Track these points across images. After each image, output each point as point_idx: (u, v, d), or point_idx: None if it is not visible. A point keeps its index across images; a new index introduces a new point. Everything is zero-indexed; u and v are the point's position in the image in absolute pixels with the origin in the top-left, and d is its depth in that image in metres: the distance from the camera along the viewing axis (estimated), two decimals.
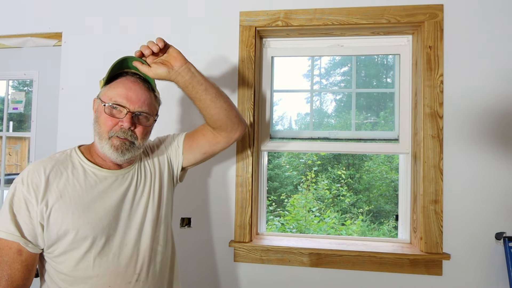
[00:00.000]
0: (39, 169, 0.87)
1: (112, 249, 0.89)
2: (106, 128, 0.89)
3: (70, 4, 1.68)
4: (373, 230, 5.00)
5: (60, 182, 0.86)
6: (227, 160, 1.53)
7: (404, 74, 1.55)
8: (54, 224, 0.83)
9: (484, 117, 1.40)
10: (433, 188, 1.39)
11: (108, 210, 0.89)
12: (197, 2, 1.58)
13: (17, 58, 1.78)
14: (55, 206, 0.84)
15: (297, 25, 1.49)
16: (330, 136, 1.62)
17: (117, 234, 0.90)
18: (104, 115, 0.89)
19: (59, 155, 0.93)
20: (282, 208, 5.22)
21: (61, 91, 1.66)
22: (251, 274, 1.49)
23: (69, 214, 0.84)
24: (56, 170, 0.88)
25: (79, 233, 0.84)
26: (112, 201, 0.90)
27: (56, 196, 0.84)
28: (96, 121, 0.92)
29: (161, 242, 1.00)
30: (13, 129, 1.87)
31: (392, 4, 1.45)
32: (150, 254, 0.95)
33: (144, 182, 0.99)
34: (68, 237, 0.84)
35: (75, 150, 0.95)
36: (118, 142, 0.88)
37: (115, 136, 0.88)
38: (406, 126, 1.54)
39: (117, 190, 0.92)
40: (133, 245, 0.92)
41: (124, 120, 0.88)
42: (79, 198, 0.86)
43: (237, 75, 1.53)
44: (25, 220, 0.83)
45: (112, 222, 0.90)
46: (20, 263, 0.82)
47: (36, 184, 0.84)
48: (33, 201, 0.83)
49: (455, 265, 1.38)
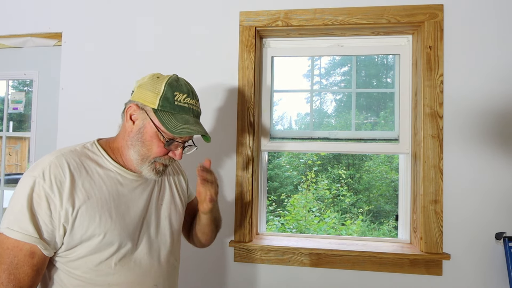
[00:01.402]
0: (63, 163, 0.79)
1: (133, 257, 0.85)
2: (155, 155, 0.85)
3: (70, 4, 1.68)
4: (373, 230, 5.00)
5: (85, 182, 0.80)
6: (227, 160, 1.53)
7: (404, 74, 1.55)
8: (80, 228, 0.77)
9: (484, 117, 1.40)
10: (433, 188, 1.39)
11: (134, 216, 0.86)
12: (197, 2, 1.58)
13: (17, 58, 1.78)
14: (82, 208, 0.77)
15: (297, 25, 1.49)
16: (330, 136, 1.62)
17: (140, 242, 0.87)
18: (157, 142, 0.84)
19: (81, 149, 0.85)
20: (282, 208, 5.22)
21: (61, 91, 1.66)
22: (251, 274, 1.49)
23: (96, 217, 0.78)
24: (80, 167, 0.81)
25: (105, 238, 0.79)
26: (137, 207, 0.87)
27: (83, 197, 0.78)
28: (140, 140, 0.85)
29: (176, 257, 0.98)
30: (13, 129, 1.87)
31: (392, 4, 1.45)
32: (167, 268, 0.92)
33: (164, 191, 0.97)
34: (92, 241, 0.79)
35: (96, 145, 0.88)
36: (161, 168, 0.88)
37: (160, 162, 0.87)
38: (406, 126, 1.54)
39: (142, 196, 0.89)
40: (155, 255, 0.89)
41: (177, 154, 0.87)
42: (106, 201, 0.81)
43: (237, 75, 1.53)
44: (45, 221, 0.74)
45: (137, 229, 0.86)
46: (30, 267, 0.74)
47: (60, 181, 0.76)
48: (57, 200, 0.75)
49: (455, 265, 1.38)
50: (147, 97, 0.83)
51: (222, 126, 1.53)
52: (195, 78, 1.55)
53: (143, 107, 0.84)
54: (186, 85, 0.88)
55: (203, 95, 1.55)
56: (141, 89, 0.85)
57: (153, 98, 0.83)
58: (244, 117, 1.51)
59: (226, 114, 1.53)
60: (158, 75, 0.87)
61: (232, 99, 1.53)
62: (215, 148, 1.53)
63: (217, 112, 1.54)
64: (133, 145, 0.85)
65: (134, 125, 0.85)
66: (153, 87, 0.84)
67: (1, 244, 0.74)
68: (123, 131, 0.88)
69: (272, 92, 1.65)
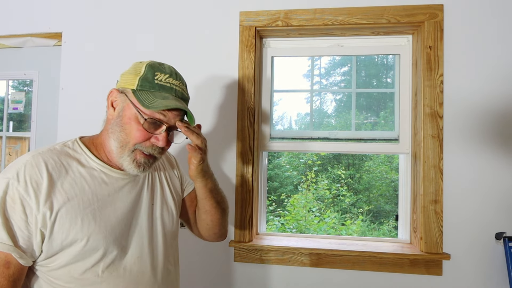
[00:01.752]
0: (39, 163, 0.72)
1: (123, 262, 0.78)
2: (135, 140, 0.77)
3: (70, 4, 1.68)
4: (373, 230, 5.00)
5: (65, 182, 0.73)
6: (227, 160, 1.53)
7: (404, 74, 1.55)
8: (60, 233, 0.70)
9: (484, 117, 1.40)
10: (433, 188, 1.39)
11: (121, 218, 0.78)
12: (197, 2, 1.58)
13: (17, 58, 1.78)
14: (62, 211, 0.70)
15: (297, 25, 1.49)
16: (330, 136, 1.62)
17: (129, 246, 0.80)
18: (138, 126, 0.76)
19: (60, 148, 0.78)
20: (282, 208, 5.22)
21: (61, 91, 1.66)
22: (251, 274, 1.49)
23: (78, 220, 0.71)
24: (59, 166, 0.74)
25: (89, 243, 0.72)
26: (124, 208, 0.80)
27: (63, 199, 0.71)
28: (119, 124, 0.78)
29: (172, 261, 0.91)
30: (13, 129, 1.87)
31: (392, 4, 1.45)
32: (162, 273, 0.85)
33: (155, 189, 0.90)
34: (74, 248, 0.71)
35: (78, 143, 0.81)
36: (142, 160, 0.78)
37: (140, 150, 0.78)
38: (406, 126, 1.54)
39: (130, 195, 0.82)
40: (146, 259, 0.82)
41: (160, 138, 0.78)
42: (89, 202, 0.74)
43: (237, 75, 1.53)
44: (20, 226, 0.67)
45: (124, 231, 0.79)
46: (5, 278, 0.66)
47: (37, 182, 0.69)
48: (33, 204, 0.68)
49: (455, 265, 1.38)
50: (128, 80, 0.79)
51: (222, 126, 1.53)
52: (195, 78, 1.55)
53: (123, 90, 0.79)
54: (170, 68, 0.83)
55: (203, 95, 1.55)
56: (123, 76, 0.82)
57: (132, 80, 0.78)
58: (244, 117, 1.51)
59: (226, 114, 1.53)
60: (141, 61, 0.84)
61: (232, 99, 1.53)
62: (215, 148, 1.53)
63: (217, 112, 1.54)
64: (113, 132, 0.78)
65: (115, 111, 0.79)
66: (134, 70, 0.80)
67: None
68: (106, 122, 0.82)
69: (272, 92, 1.65)
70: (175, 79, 0.80)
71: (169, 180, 0.96)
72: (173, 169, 1.01)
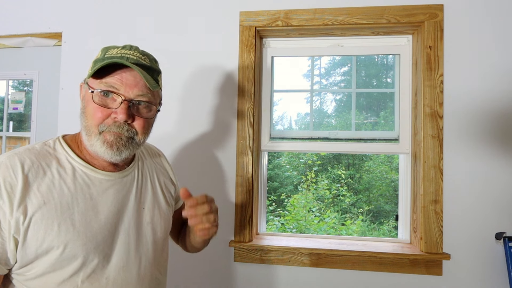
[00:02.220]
0: (15, 164, 0.66)
1: (106, 272, 0.72)
2: (95, 121, 0.70)
3: (70, 4, 1.68)
4: (373, 230, 5.00)
5: (42, 184, 0.67)
6: (227, 160, 1.53)
7: (404, 74, 1.55)
8: (34, 239, 0.64)
9: (484, 117, 1.40)
10: (433, 188, 1.39)
11: (104, 223, 0.72)
12: (197, 2, 1.58)
13: (17, 58, 1.78)
14: (36, 216, 0.64)
15: (297, 25, 1.49)
16: (330, 136, 1.62)
17: (113, 254, 0.73)
18: (93, 105, 0.70)
19: (40, 147, 0.73)
20: (282, 208, 5.22)
21: (61, 91, 1.66)
22: (251, 274, 1.49)
23: (54, 226, 0.65)
24: (37, 167, 0.68)
25: (66, 250, 0.66)
26: (108, 212, 0.73)
27: (38, 203, 0.65)
28: (83, 112, 0.73)
29: (162, 271, 0.85)
30: (13, 129, 1.87)
31: (392, 4, 1.45)
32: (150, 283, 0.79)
33: (146, 192, 0.83)
34: (51, 256, 0.66)
35: (60, 141, 0.75)
36: (111, 138, 0.70)
37: (107, 130, 0.71)
38: (406, 126, 1.54)
39: (115, 198, 0.75)
40: (132, 269, 0.75)
41: (118, 111, 0.69)
42: (68, 205, 0.68)
43: (237, 75, 1.53)
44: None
45: (108, 238, 0.72)
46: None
47: (11, 185, 0.64)
48: (6, 208, 0.63)
49: (455, 265, 1.38)
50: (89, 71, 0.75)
51: (222, 126, 1.53)
52: (195, 78, 1.55)
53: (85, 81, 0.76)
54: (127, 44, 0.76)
55: (203, 95, 1.55)
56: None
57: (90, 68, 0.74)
58: (244, 117, 1.51)
59: (226, 114, 1.53)
60: None
61: (232, 99, 1.53)
62: (215, 148, 1.53)
63: (217, 112, 1.54)
64: (81, 123, 0.73)
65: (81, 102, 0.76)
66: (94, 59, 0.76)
67: None
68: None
69: (272, 92, 1.65)
70: (129, 50, 0.74)
71: (163, 184, 0.90)
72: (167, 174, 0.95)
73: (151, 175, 0.87)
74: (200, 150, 1.54)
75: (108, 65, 0.70)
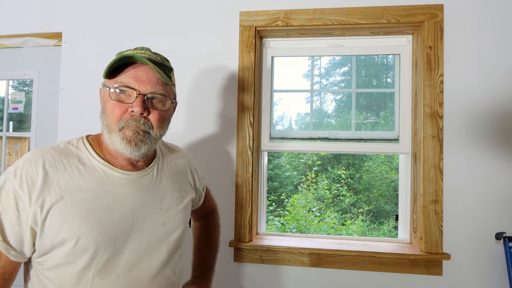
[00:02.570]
0: (37, 160, 0.71)
1: (117, 268, 0.73)
2: (115, 118, 0.74)
3: (70, 4, 1.68)
4: (373, 230, 5.00)
5: (61, 179, 0.71)
6: (227, 160, 1.53)
7: (404, 74, 1.55)
8: (50, 231, 0.68)
9: (484, 117, 1.40)
10: (433, 188, 1.39)
11: (117, 220, 0.74)
12: (197, 2, 1.58)
13: (17, 58, 1.78)
14: (53, 209, 0.69)
15: (297, 25, 1.49)
16: (330, 136, 1.62)
17: (125, 251, 0.75)
18: (111, 102, 0.75)
19: (64, 146, 0.77)
20: (282, 208, 5.22)
21: (61, 91, 1.66)
22: (251, 274, 1.49)
23: (69, 219, 0.69)
24: (58, 164, 0.72)
25: (78, 243, 0.69)
26: (123, 209, 0.75)
27: (56, 197, 0.69)
28: (103, 111, 0.77)
29: (176, 271, 0.85)
30: (13, 129, 1.87)
31: (392, 4, 1.45)
32: (161, 282, 0.80)
33: (165, 192, 0.85)
34: (64, 248, 0.69)
35: (83, 140, 0.80)
36: (130, 133, 0.74)
37: (126, 126, 0.74)
38: (406, 126, 1.54)
39: (132, 196, 0.78)
40: (143, 268, 0.77)
41: (135, 105, 0.73)
42: (84, 201, 0.71)
43: (237, 75, 1.53)
44: (11, 221, 0.67)
45: (120, 235, 0.74)
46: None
47: (32, 179, 0.69)
48: (25, 199, 0.67)
49: (455, 265, 1.38)
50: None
51: (222, 126, 1.53)
52: (195, 78, 1.55)
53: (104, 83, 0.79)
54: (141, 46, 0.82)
55: (203, 95, 1.55)
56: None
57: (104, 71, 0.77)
58: (244, 117, 1.51)
59: (226, 114, 1.53)
60: None
61: (232, 99, 1.53)
62: (215, 148, 1.53)
63: (217, 112, 1.54)
64: (102, 123, 0.77)
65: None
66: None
67: None
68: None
69: (272, 92, 1.65)
70: (140, 50, 0.78)
71: (182, 186, 0.92)
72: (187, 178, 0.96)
73: (170, 177, 0.89)
74: (200, 150, 1.54)
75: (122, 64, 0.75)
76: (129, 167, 0.80)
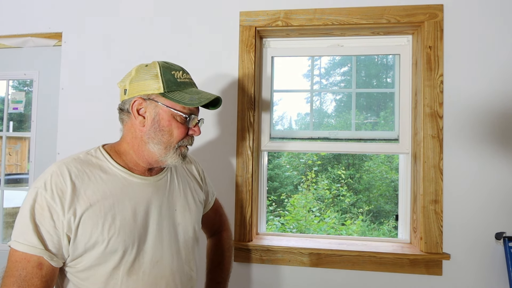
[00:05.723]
0: (64, 172, 0.77)
1: (143, 266, 0.81)
2: (178, 138, 0.84)
3: (70, 4, 1.68)
4: (373, 230, 5.00)
5: (88, 189, 0.78)
6: (227, 160, 1.53)
7: (404, 74, 1.55)
8: (83, 236, 0.75)
9: (484, 117, 1.40)
10: (433, 188, 1.39)
11: (139, 221, 0.82)
12: (197, 2, 1.58)
13: (17, 58, 1.78)
14: (85, 216, 0.75)
15: (297, 25, 1.49)
16: (330, 136, 1.62)
17: (148, 250, 0.83)
18: (175, 124, 0.83)
19: (84, 156, 0.84)
20: (282, 208, 5.22)
21: (61, 91, 1.66)
22: (251, 274, 1.49)
23: (99, 224, 0.76)
24: (82, 174, 0.79)
25: (109, 245, 0.77)
26: (144, 212, 0.83)
27: (85, 205, 0.76)
28: (158, 129, 0.82)
29: (192, 267, 0.94)
30: (13, 129, 1.87)
31: (392, 4, 1.45)
32: (181, 277, 0.88)
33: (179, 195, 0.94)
34: (97, 250, 0.76)
35: (101, 151, 0.86)
36: (186, 150, 0.87)
37: (183, 145, 0.86)
38: (406, 126, 1.54)
39: (150, 200, 0.85)
40: (165, 264, 0.85)
41: (196, 130, 0.86)
42: (110, 206, 0.78)
43: (237, 75, 1.53)
44: (49, 231, 0.73)
45: (143, 235, 0.82)
46: (39, 279, 0.72)
47: (62, 190, 0.75)
48: (59, 210, 0.74)
49: (455, 265, 1.38)
50: (149, 86, 0.81)
51: (222, 126, 1.53)
52: (195, 78, 1.55)
53: (149, 97, 0.82)
54: (175, 64, 0.89)
55: None
56: (135, 83, 0.83)
57: (155, 84, 0.81)
58: (244, 117, 1.51)
59: (226, 114, 1.53)
60: (145, 64, 0.86)
61: (232, 99, 1.53)
62: (216, 148, 1.53)
63: (217, 112, 1.54)
64: (151, 137, 0.82)
65: (146, 118, 0.83)
66: (148, 75, 0.82)
67: (10, 257, 0.73)
68: (131, 131, 0.85)
69: (272, 92, 1.65)
70: (187, 74, 0.88)
71: (193, 189, 1.00)
72: (196, 180, 1.06)
73: (182, 180, 0.98)
74: (200, 150, 1.54)
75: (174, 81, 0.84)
76: (146, 173, 0.88)
